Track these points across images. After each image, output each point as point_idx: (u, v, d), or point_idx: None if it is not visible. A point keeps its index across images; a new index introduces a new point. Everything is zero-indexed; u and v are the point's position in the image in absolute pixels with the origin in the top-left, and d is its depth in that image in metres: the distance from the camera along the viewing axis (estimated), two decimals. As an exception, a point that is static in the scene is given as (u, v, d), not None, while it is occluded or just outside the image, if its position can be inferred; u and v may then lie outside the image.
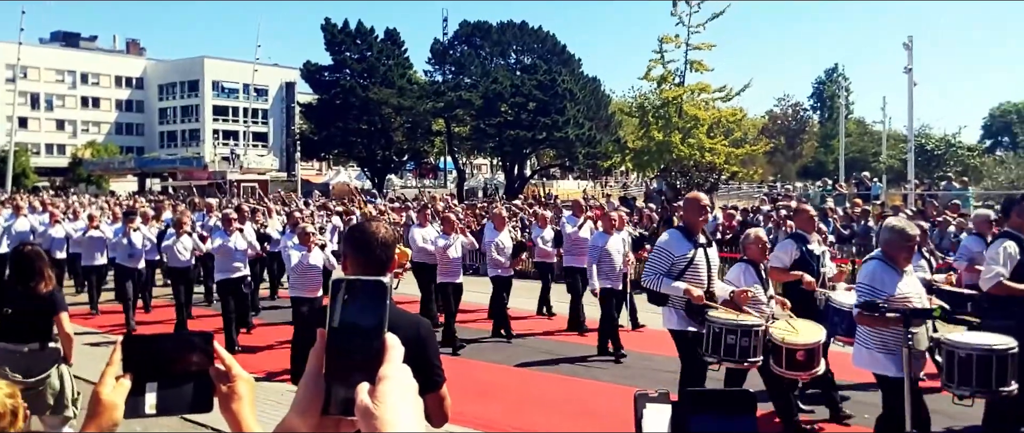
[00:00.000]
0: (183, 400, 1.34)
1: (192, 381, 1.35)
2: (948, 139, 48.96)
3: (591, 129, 51.33)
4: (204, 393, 1.36)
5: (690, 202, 7.12)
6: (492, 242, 11.91)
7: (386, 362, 1.02)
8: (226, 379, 1.38)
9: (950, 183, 24.26)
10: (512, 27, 58.85)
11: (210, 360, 1.36)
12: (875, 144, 56.62)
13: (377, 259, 3.06)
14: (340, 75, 55.47)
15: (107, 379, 1.33)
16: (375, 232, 3.11)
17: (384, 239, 3.09)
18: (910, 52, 28.03)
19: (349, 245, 3.16)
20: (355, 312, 1.04)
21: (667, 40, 33.99)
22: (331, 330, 1.04)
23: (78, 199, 32.60)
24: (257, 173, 60.97)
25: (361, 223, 3.51)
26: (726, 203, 28.73)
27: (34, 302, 5.79)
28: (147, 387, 1.33)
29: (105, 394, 1.31)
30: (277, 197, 29.74)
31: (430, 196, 29.91)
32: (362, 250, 3.07)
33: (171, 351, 1.35)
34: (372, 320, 1.03)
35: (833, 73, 76.29)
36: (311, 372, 1.06)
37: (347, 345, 1.03)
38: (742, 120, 40.52)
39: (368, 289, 1.05)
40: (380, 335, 1.03)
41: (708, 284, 6.78)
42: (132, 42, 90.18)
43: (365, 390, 0.99)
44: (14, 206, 17.99)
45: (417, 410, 1.01)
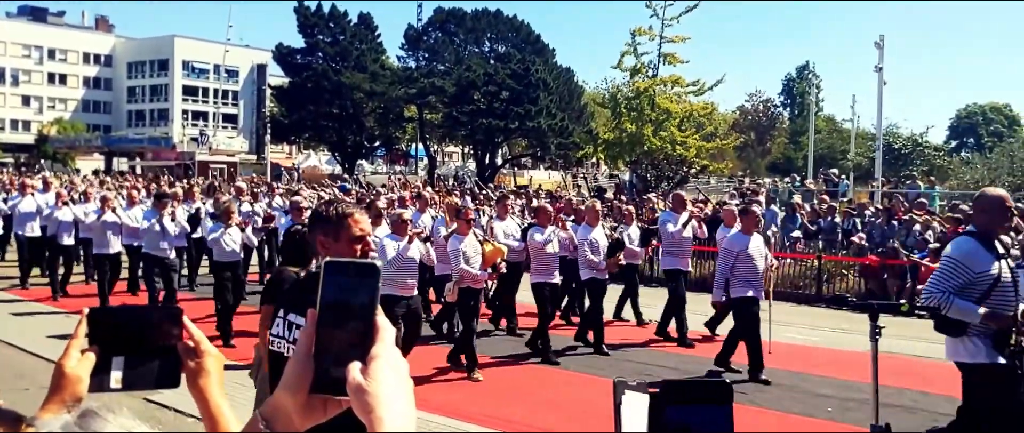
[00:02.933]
0: (150, 375, 1.32)
1: (159, 356, 1.33)
2: (915, 138, 49.60)
3: (564, 119, 51.38)
4: (171, 369, 1.34)
5: (991, 202, 5.36)
6: (585, 240, 10.57)
7: (378, 342, 1.03)
8: (194, 355, 1.36)
9: (916, 182, 24.60)
10: (487, 15, 58.65)
11: (179, 335, 1.34)
12: (844, 141, 57.23)
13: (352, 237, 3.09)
14: (312, 58, 55.02)
15: (71, 352, 1.30)
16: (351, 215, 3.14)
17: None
18: (881, 51, 28.38)
19: (322, 225, 3.17)
20: (347, 292, 1.04)
21: (640, 32, 34.09)
22: (322, 309, 1.04)
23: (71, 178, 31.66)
24: (226, 155, 60.48)
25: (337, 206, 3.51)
26: (696, 196, 28.91)
27: None
28: (113, 362, 1.30)
29: (69, 367, 1.29)
30: (251, 180, 29.43)
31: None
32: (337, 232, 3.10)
33: (139, 325, 1.33)
34: (364, 301, 1.04)
35: (804, 70, 76.92)
36: (301, 351, 1.06)
37: (338, 325, 1.04)
38: (713, 114, 40.82)
39: (360, 270, 1.06)
40: (372, 316, 1.04)
41: (1017, 304, 5.14)
42: (101, 18, 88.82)
43: (357, 368, 1.00)
44: (21, 184, 17.11)
45: (409, 389, 1.03)
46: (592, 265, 10.52)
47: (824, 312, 14.02)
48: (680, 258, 11.55)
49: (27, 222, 15.33)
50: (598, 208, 11.40)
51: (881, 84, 28.50)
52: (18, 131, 74.20)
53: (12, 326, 11.71)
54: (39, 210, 15.25)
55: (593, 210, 11.06)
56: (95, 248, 13.23)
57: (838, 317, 13.21)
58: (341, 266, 1.06)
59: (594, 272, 10.51)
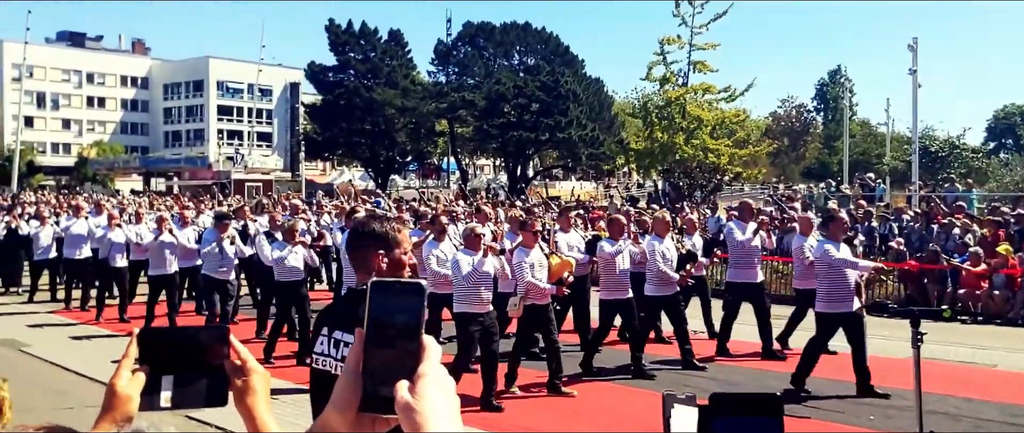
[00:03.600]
0: (198, 394, 1.34)
1: (207, 375, 1.35)
2: (952, 141, 48.90)
3: (594, 130, 51.32)
4: (219, 387, 1.35)
5: None
6: (655, 251, 9.84)
7: (425, 361, 1.05)
8: (241, 373, 1.38)
9: (954, 185, 24.27)
10: (515, 28, 58.81)
11: (226, 354, 1.36)
12: (879, 146, 56.57)
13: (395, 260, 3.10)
14: (344, 76, 55.50)
15: (122, 372, 1.32)
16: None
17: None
18: (915, 53, 28.05)
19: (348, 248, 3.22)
20: (394, 311, 1.07)
21: (669, 41, 34.02)
22: (369, 328, 1.07)
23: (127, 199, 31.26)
24: (261, 173, 61.04)
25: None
26: (729, 204, 28.76)
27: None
28: (162, 381, 1.33)
29: (120, 387, 1.30)
30: (287, 197, 29.70)
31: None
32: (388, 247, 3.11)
33: (187, 345, 1.35)
34: (411, 319, 1.06)
35: (836, 74, 76.21)
36: (349, 369, 1.08)
37: (386, 343, 1.06)
38: (745, 121, 40.61)
39: (407, 290, 1.08)
40: (418, 335, 1.06)
41: None
42: (137, 42, 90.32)
43: (405, 387, 1.02)
44: (74, 207, 16.87)
45: (455, 408, 1.04)
46: (665, 279, 9.80)
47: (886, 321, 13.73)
48: (749, 269, 10.78)
49: (78, 245, 15.17)
50: (667, 218, 10.65)
51: (916, 87, 28.16)
52: (59, 154, 75.55)
53: (53, 345, 11.94)
54: (90, 233, 15.06)
55: (662, 220, 10.36)
56: (152, 269, 12.93)
57: (877, 324, 13.02)
58: (388, 285, 1.09)
59: (665, 287, 9.83)
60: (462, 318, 8.34)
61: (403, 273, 3.10)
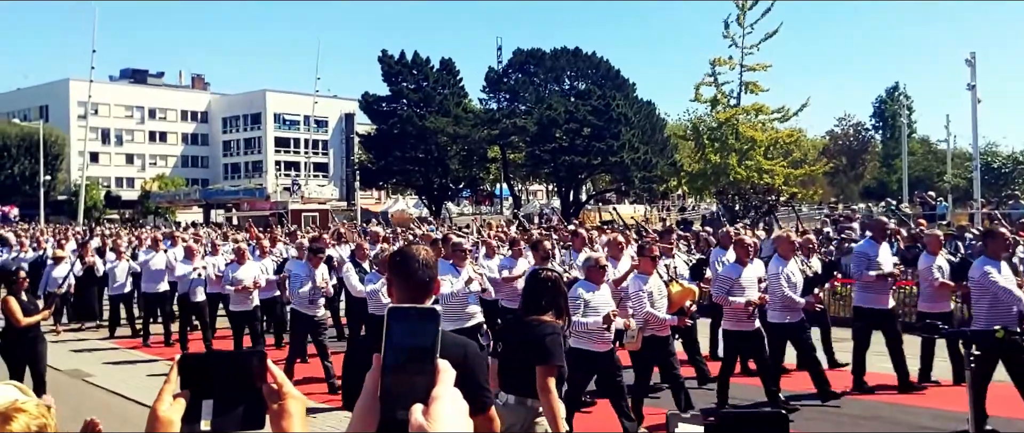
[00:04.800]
0: (236, 418, 1.36)
1: (245, 399, 1.37)
2: (1016, 157, 47.65)
3: (646, 153, 51.12)
4: (256, 411, 1.37)
5: None
6: (778, 274, 8.81)
7: (438, 384, 1.08)
8: (277, 397, 1.39)
9: (1018, 201, 23.60)
10: (565, 53, 59.02)
11: (263, 378, 1.38)
12: (940, 163, 55.34)
13: (419, 282, 3.15)
14: (397, 105, 56.21)
15: (165, 396, 1.34)
16: (416, 256, 3.22)
17: (426, 261, 3.20)
18: (973, 68, 27.48)
19: (392, 270, 3.28)
20: (409, 337, 1.11)
21: (720, 62, 33.84)
22: (386, 354, 1.11)
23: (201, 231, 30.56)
24: (318, 203, 61.90)
25: (403, 247, 3.62)
26: (788, 226, 28.28)
27: None
28: (203, 405, 1.35)
29: (162, 411, 1.32)
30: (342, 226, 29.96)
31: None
32: (405, 274, 3.18)
33: (226, 369, 1.38)
34: (425, 344, 1.11)
35: (894, 91, 74.86)
36: (367, 394, 1.13)
37: (402, 368, 1.10)
38: (800, 140, 40.08)
39: (421, 315, 1.13)
40: (433, 359, 1.10)
41: None
42: (197, 77, 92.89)
43: (419, 410, 1.05)
44: (153, 240, 16.29)
45: (468, 430, 1.07)
46: (790, 304, 8.75)
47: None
48: (880, 294, 9.62)
49: (157, 279, 14.76)
50: (793, 238, 9.68)
51: (975, 102, 27.58)
52: (123, 188, 77.75)
53: (123, 379, 12.17)
54: (169, 266, 14.45)
55: (787, 240, 9.36)
56: (232, 304, 12.32)
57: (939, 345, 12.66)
58: (404, 312, 1.13)
59: (789, 313, 8.78)
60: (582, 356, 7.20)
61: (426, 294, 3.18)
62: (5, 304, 8.72)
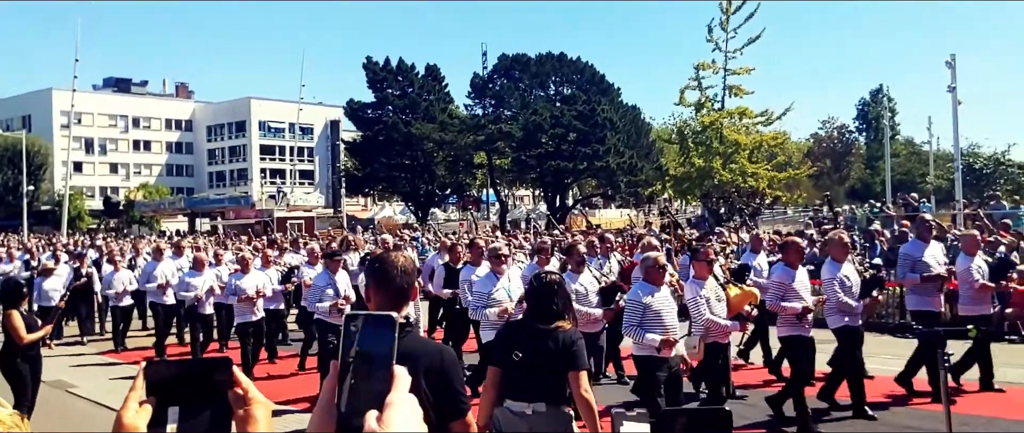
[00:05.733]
0: (202, 424, 1.35)
1: (211, 406, 1.35)
2: (997, 157, 48.05)
3: (632, 157, 51.29)
4: (222, 418, 1.37)
5: None
6: (834, 278, 8.32)
7: (393, 390, 1.08)
8: (243, 403, 1.38)
9: (999, 202, 23.79)
10: (550, 59, 59.12)
11: (230, 384, 1.38)
12: (922, 164, 55.75)
13: (397, 288, 3.15)
14: (383, 112, 56.19)
15: (130, 404, 1.32)
16: (394, 262, 3.21)
17: (404, 268, 3.19)
18: (953, 70, 27.70)
19: (370, 275, 3.27)
20: (366, 344, 1.11)
21: (704, 67, 34.02)
22: (343, 360, 1.11)
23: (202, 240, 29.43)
24: (304, 210, 61.75)
25: (381, 253, 3.63)
26: (771, 228, 28.44)
27: None
28: (169, 412, 1.34)
29: (127, 418, 1.31)
30: (328, 234, 29.97)
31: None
32: (382, 280, 3.17)
33: (192, 376, 1.36)
34: (381, 351, 1.11)
35: (877, 94, 75.32)
36: (323, 400, 1.13)
37: (358, 375, 1.10)
38: (784, 143, 40.31)
39: (378, 322, 1.13)
40: (389, 365, 1.10)
41: None
42: (181, 85, 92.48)
43: (373, 416, 1.05)
44: (155, 249, 15.53)
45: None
46: (845, 309, 8.27)
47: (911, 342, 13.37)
48: (930, 296, 9.17)
49: (163, 290, 13.93)
50: (845, 240, 9.18)
51: (955, 104, 27.78)
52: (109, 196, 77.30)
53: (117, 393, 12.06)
54: (182, 280, 13.47)
55: (840, 243, 8.81)
56: (237, 316, 11.85)
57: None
58: (360, 318, 1.14)
59: (846, 318, 8.33)
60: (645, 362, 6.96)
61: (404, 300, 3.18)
62: (9, 320, 8.25)
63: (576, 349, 4.60)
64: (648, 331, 6.79)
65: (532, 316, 4.84)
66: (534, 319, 4.79)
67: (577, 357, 4.59)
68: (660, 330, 6.81)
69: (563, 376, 4.57)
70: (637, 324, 6.85)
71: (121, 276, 15.45)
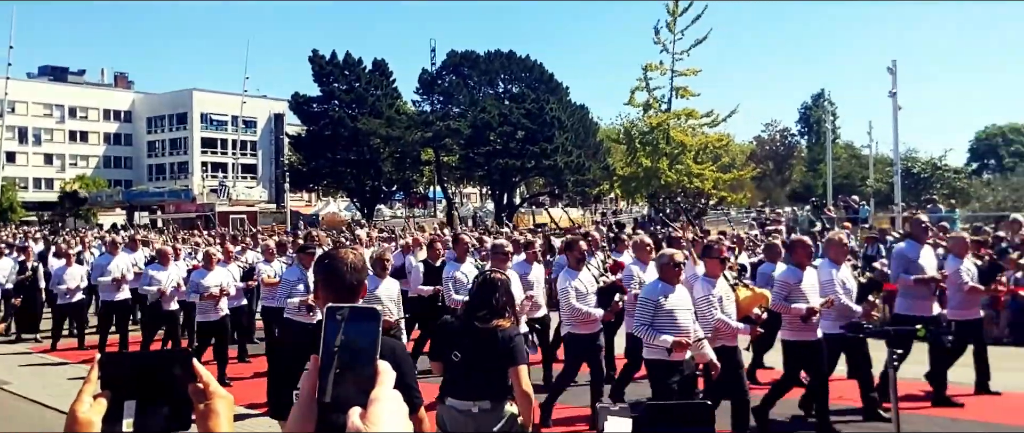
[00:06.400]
0: (160, 419, 1.32)
1: (169, 400, 1.33)
2: (934, 162, 49.32)
3: (579, 157, 51.54)
4: (182, 412, 1.34)
5: None
6: (832, 280, 7.97)
7: (378, 386, 1.04)
8: (203, 397, 1.35)
9: (936, 206, 24.36)
10: (499, 56, 59.13)
11: (189, 378, 1.34)
12: (863, 168, 56.98)
13: (347, 285, 3.13)
14: (328, 106, 55.65)
15: (84, 398, 1.29)
16: (344, 259, 3.20)
17: (354, 265, 3.19)
18: (894, 76, 28.28)
19: (320, 273, 3.26)
20: (349, 338, 1.07)
21: (651, 67, 34.30)
22: (323, 356, 1.06)
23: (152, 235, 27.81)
24: (246, 205, 60.88)
25: (331, 250, 3.61)
26: (715, 229, 28.74)
27: None
28: (125, 406, 1.30)
29: (81, 412, 1.27)
30: (271, 230, 29.51)
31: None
32: (332, 277, 3.16)
33: (149, 369, 1.34)
34: (364, 345, 1.07)
35: (819, 98, 76.88)
36: (303, 396, 1.08)
37: (340, 370, 1.06)
38: (729, 145, 40.84)
39: (360, 315, 1.09)
40: (372, 360, 1.06)
41: None
42: (120, 76, 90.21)
43: (357, 413, 1.01)
44: (110, 242, 14.60)
45: (407, 432, 1.03)
46: (846, 313, 7.85)
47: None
48: (923, 300, 8.82)
49: (118, 285, 13.11)
50: (844, 240, 8.87)
51: (896, 109, 28.39)
52: (41, 189, 75.16)
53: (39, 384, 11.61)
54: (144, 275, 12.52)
55: (838, 243, 8.47)
56: (199, 315, 11.32)
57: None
58: (342, 311, 1.09)
59: (839, 324, 7.76)
60: (657, 366, 6.76)
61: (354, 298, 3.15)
62: None
63: (514, 345, 4.63)
64: (660, 332, 6.57)
65: (471, 313, 4.84)
66: (472, 317, 4.79)
67: (516, 353, 4.61)
68: (673, 331, 6.58)
69: (505, 373, 4.61)
70: (649, 324, 6.63)
71: (74, 271, 14.27)
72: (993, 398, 8.98)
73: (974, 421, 8.31)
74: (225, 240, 17.76)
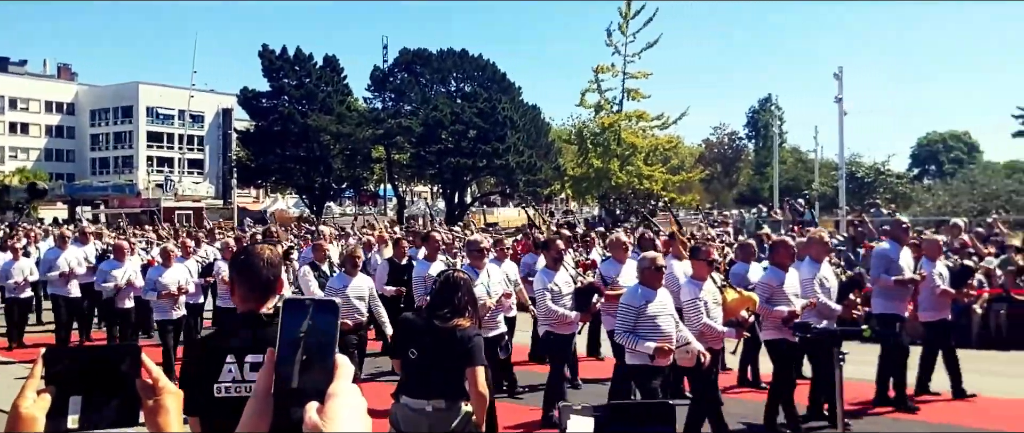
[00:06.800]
0: (107, 414, 1.30)
1: (117, 395, 1.31)
2: (878, 167, 50.44)
3: (531, 157, 51.67)
4: (129, 407, 1.32)
5: None
6: (812, 279, 8.03)
7: (336, 380, 1.01)
8: (152, 392, 1.34)
9: (879, 209, 24.91)
10: (452, 55, 59.03)
11: (137, 373, 1.32)
12: (808, 172, 58.02)
13: (264, 281, 3.07)
14: (278, 102, 54.99)
15: (27, 393, 1.26)
16: (260, 254, 3.15)
17: (270, 260, 3.13)
18: (840, 82, 28.86)
19: (234, 268, 3.19)
20: (305, 331, 1.04)
21: (603, 69, 34.53)
22: (281, 348, 1.04)
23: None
24: (192, 200, 59.92)
25: (246, 246, 3.58)
26: (664, 230, 28.99)
27: None
28: (70, 402, 1.28)
29: (24, 407, 1.24)
30: (219, 225, 28.99)
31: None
32: (247, 274, 3.09)
33: (96, 364, 1.31)
34: (323, 339, 1.04)
35: (766, 102, 78.10)
36: (259, 390, 1.05)
37: (297, 363, 1.03)
38: (679, 148, 41.29)
39: (319, 308, 1.06)
40: (331, 354, 1.04)
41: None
42: (63, 67, 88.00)
43: (314, 408, 0.99)
44: (59, 236, 14.04)
45: (366, 429, 1.01)
46: (826, 312, 7.96)
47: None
48: (899, 301, 8.86)
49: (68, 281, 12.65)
50: (825, 238, 8.78)
51: (841, 115, 28.98)
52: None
53: None
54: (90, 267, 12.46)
55: (819, 241, 8.44)
56: (157, 313, 10.96)
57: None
58: (301, 304, 1.06)
59: (823, 322, 7.78)
60: (640, 372, 6.65)
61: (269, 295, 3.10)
62: None
63: (472, 346, 4.60)
64: (643, 338, 6.43)
65: (431, 312, 4.82)
66: (433, 316, 4.77)
67: (474, 354, 4.59)
68: (656, 337, 6.45)
69: (462, 372, 4.58)
70: (631, 330, 6.49)
71: (22, 265, 13.63)
72: (935, 399, 9.11)
73: (917, 421, 8.47)
74: (184, 235, 17.43)
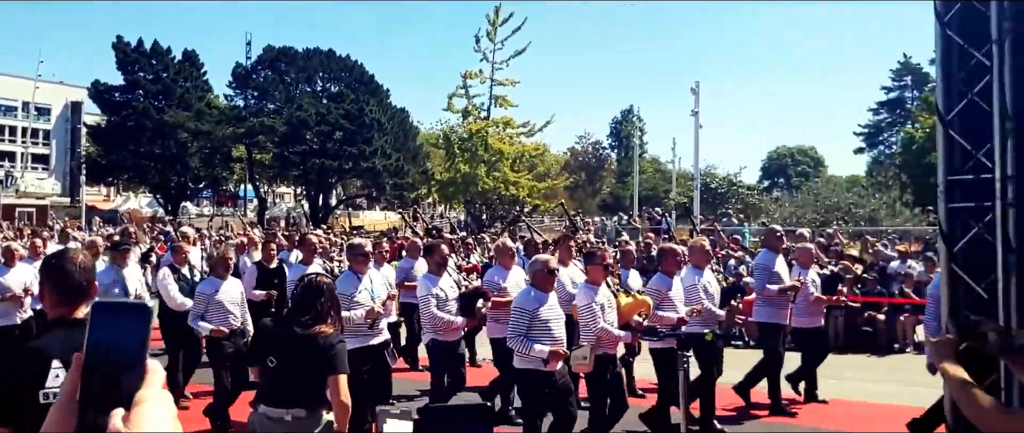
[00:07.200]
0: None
1: None
2: (730, 178, 52.78)
3: (398, 160, 51.31)
4: None
5: None
6: (695, 285, 8.19)
7: (145, 386, 0.98)
8: None
9: (730, 219, 26.13)
10: (318, 54, 57.83)
11: None
12: (666, 182, 60.08)
13: (76, 285, 3.00)
14: (132, 96, 52.48)
15: None
16: (74, 259, 3.09)
17: (83, 265, 3.07)
18: (696, 96, 30.11)
19: (46, 273, 3.12)
20: (114, 334, 1.00)
21: (471, 75, 34.78)
22: (88, 352, 1.00)
23: None
24: (36, 198, 56.52)
25: (59, 251, 3.48)
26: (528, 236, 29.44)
27: None
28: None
29: None
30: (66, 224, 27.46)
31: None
32: (60, 277, 3.02)
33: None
34: (131, 343, 1.00)
35: (628, 114, 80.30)
36: (63, 396, 1.01)
37: (104, 368, 0.99)
38: (544, 155, 42.00)
39: (130, 311, 1.03)
40: (140, 359, 1.00)
41: None
42: None
43: (119, 415, 0.95)
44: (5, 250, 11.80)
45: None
46: (709, 318, 8.04)
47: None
48: (780, 309, 9.11)
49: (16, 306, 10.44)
50: (706, 246, 8.90)
51: (697, 127, 30.24)
52: None
53: None
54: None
55: (701, 248, 8.60)
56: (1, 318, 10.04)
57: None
58: (110, 307, 1.03)
59: (705, 325, 7.79)
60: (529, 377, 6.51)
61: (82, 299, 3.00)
62: None
63: (335, 353, 4.53)
64: (535, 342, 6.33)
65: (292, 317, 4.71)
66: (294, 322, 4.66)
67: (336, 361, 4.52)
68: (548, 341, 6.37)
69: (324, 380, 4.51)
70: (524, 334, 6.37)
71: None
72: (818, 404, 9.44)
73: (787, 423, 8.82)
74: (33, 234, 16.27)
